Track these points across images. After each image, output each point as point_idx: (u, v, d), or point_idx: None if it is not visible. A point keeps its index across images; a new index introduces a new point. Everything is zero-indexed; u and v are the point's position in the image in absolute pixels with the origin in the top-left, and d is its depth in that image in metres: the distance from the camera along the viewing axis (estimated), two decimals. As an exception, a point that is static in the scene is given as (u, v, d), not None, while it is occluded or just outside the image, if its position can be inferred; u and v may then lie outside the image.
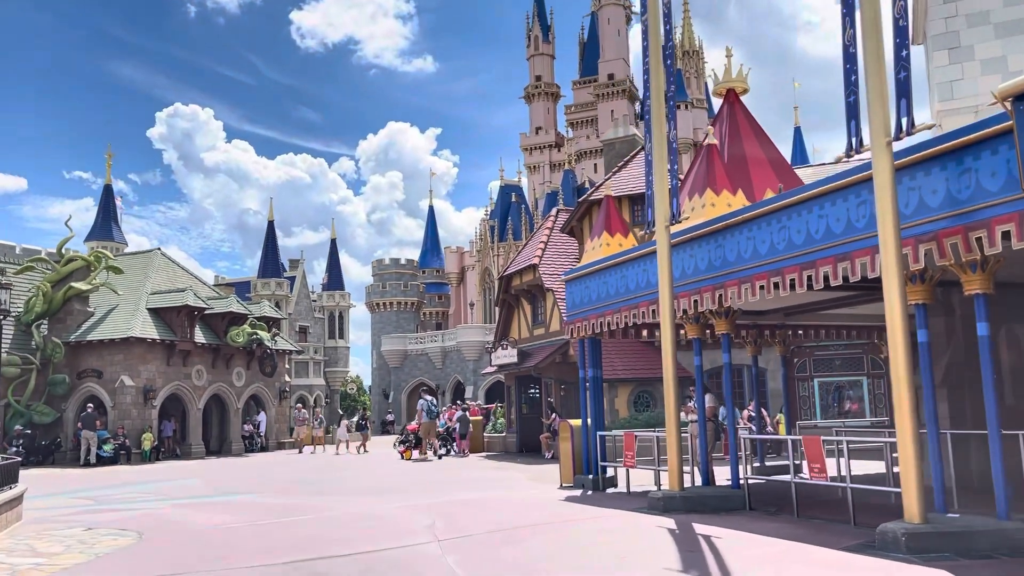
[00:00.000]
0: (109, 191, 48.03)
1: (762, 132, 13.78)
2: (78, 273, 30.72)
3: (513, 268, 26.63)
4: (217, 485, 18.52)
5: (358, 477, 19.55)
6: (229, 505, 14.33)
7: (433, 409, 25.61)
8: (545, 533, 9.34)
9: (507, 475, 18.46)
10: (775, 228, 9.83)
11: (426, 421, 25.35)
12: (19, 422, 28.14)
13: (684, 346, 24.30)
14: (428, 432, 25.40)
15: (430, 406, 25.38)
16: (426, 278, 71.16)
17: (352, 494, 15.29)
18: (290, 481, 19.02)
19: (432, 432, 25.50)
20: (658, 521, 9.78)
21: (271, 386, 35.02)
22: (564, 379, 24.14)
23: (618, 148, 25.36)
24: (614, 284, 13.14)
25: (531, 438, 25.91)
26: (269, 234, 48.82)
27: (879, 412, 21.64)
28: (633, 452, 12.77)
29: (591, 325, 13.89)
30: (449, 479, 18.07)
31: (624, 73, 77.41)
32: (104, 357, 29.58)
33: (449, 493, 14.65)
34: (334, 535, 9.91)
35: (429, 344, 62.58)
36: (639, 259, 12.44)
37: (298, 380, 47.44)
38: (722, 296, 10.64)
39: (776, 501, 11.01)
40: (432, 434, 25.46)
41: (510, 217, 63.21)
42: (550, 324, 25.09)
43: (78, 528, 11.33)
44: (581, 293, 14.23)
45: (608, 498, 12.66)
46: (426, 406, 25.26)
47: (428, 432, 25.40)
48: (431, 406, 25.42)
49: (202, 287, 35.26)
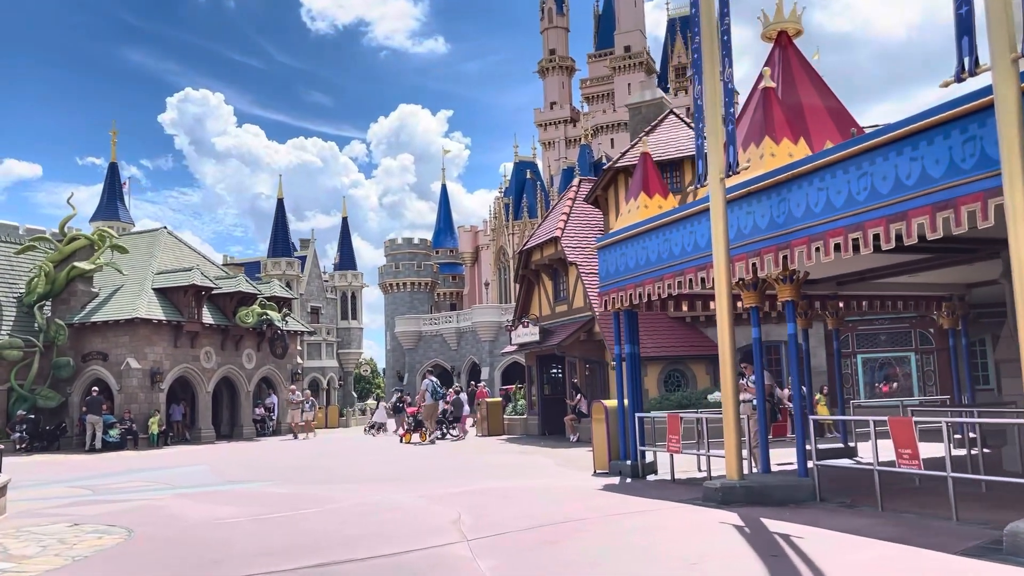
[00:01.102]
0: (114, 170, 46.82)
1: (819, 79, 12.31)
2: (82, 253, 29.62)
3: (533, 242, 25.28)
4: (223, 472, 17.40)
5: (372, 462, 18.37)
6: (233, 495, 13.16)
7: (439, 390, 24.35)
8: (591, 530, 8.06)
9: (532, 460, 17.22)
10: (854, 175, 8.43)
11: (429, 403, 24.07)
12: (23, 407, 27.18)
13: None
14: (431, 415, 24.14)
15: (435, 387, 24.17)
16: (440, 258, 69.84)
17: (366, 481, 14.09)
18: (299, 467, 17.86)
19: (434, 415, 24.22)
20: (719, 516, 8.48)
21: (282, 368, 33.92)
22: (589, 358, 22.84)
23: (644, 113, 23.87)
24: (655, 249, 11.77)
25: (554, 420, 24.67)
26: (279, 212, 47.52)
27: (928, 390, 20.23)
28: (678, 436, 11.47)
29: (627, 296, 12.55)
30: (470, 465, 16.85)
31: (641, 45, 75.32)
32: (109, 339, 28.53)
33: (472, 481, 13.42)
34: (347, 533, 8.68)
35: (444, 325, 61.39)
36: (685, 220, 11.06)
37: (311, 362, 46.40)
38: (787, 257, 9.26)
39: (846, 491, 9.69)
40: (434, 417, 24.26)
41: (525, 194, 61.64)
42: (573, 300, 23.77)
43: (63, 523, 10.16)
44: (616, 261, 12.87)
45: (651, 487, 11.37)
46: (431, 387, 24.04)
47: (431, 415, 24.14)
48: (436, 387, 24.21)
49: (210, 267, 34.13)
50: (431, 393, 23.94)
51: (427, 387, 24.13)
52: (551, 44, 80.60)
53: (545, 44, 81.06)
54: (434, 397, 24.01)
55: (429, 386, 24.07)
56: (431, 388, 23.97)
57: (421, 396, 24.59)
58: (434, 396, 24.01)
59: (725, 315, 9.83)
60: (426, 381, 24.50)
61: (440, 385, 25.06)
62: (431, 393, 23.94)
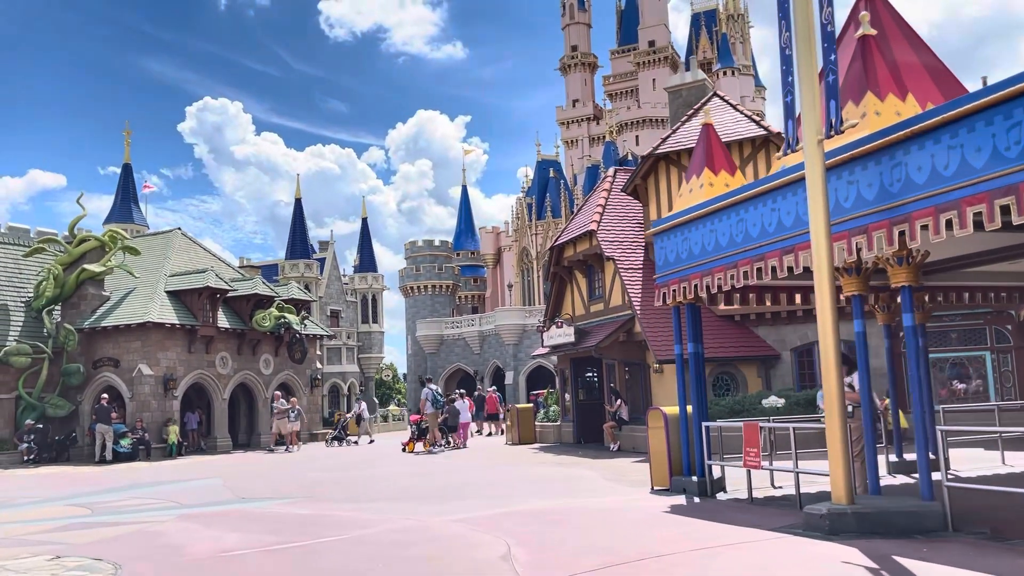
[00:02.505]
0: (128, 171, 45.56)
1: (913, 33, 10.60)
2: (92, 255, 28.37)
3: (565, 237, 23.66)
4: (237, 487, 15.94)
5: (397, 475, 16.83)
6: (245, 517, 11.67)
7: (439, 399, 23.54)
8: (684, 571, 6.44)
9: (575, 473, 15.60)
10: (1001, 126, 6.77)
11: (431, 411, 23.38)
12: (31, 416, 25.94)
13: (771, 320, 21.30)
14: (434, 423, 23.40)
15: (435, 395, 23.40)
16: (461, 260, 68.36)
17: (394, 499, 12.55)
18: (318, 481, 16.36)
19: (436, 424, 23.44)
20: (837, 552, 6.83)
21: (301, 373, 32.51)
22: (629, 360, 21.18)
23: (685, 96, 22.20)
24: (727, 231, 10.13)
25: (590, 428, 23.02)
26: (297, 213, 46.08)
27: (1006, 392, 18.37)
28: (758, 448, 9.81)
29: (691, 287, 10.91)
30: (506, 478, 15.26)
31: (665, 39, 73.40)
32: (120, 344, 27.24)
33: (512, 498, 11.83)
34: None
35: (466, 328, 59.90)
36: (766, 195, 9.41)
37: (330, 367, 44.98)
38: (905, 233, 7.60)
39: (975, 515, 7.98)
40: (435, 425, 23.44)
41: (548, 193, 59.96)
42: (610, 298, 22.12)
43: (45, 555, 8.71)
44: (677, 247, 11.24)
45: (728, 509, 9.72)
46: (430, 395, 23.28)
47: (434, 423, 23.40)
48: (436, 395, 23.44)
49: (226, 269, 32.83)
50: (431, 402, 23.27)
51: (427, 396, 23.43)
52: (573, 40, 78.87)
53: (567, 41, 79.35)
54: (435, 406, 23.35)
55: (429, 395, 23.37)
56: (431, 397, 23.28)
57: (422, 405, 23.93)
58: (435, 405, 23.35)
59: (827, 303, 8.17)
60: (426, 390, 23.71)
61: (440, 393, 24.40)
62: (431, 402, 23.27)
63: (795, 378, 20.07)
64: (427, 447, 23.11)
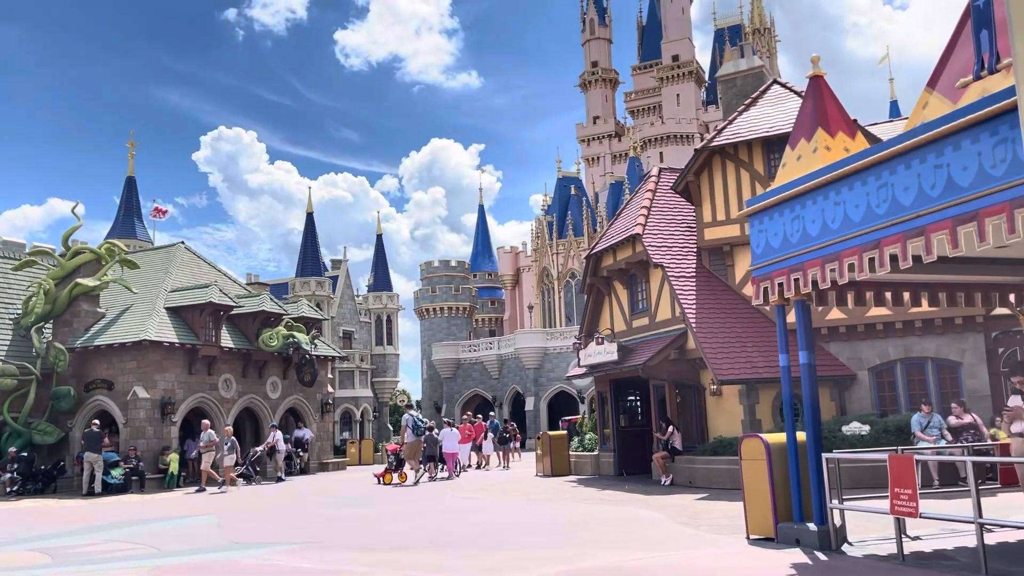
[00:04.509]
0: (132, 184, 43.46)
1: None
2: (87, 268, 26.21)
3: (604, 244, 21.27)
4: (233, 526, 13.52)
5: (419, 512, 14.34)
6: (235, 572, 9.23)
7: (420, 426, 22.22)
8: None
9: (632, 513, 13.06)
10: None
11: (412, 440, 21.95)
12: (15, 443, 23.64)
13: (846, 334, 18.77)
14: (414, 453, 22.01)
15: (416, 422, 22.16)
16: (478, 282, 66.03)
17: (419, 549, 10.08)
18: (324, 521, 13.90)
19: (417, 453, 22.05)
20: None
21: (311, 397, 30.10)
22: (681, 381, 18.66)
23: (740, 85, 19.94)
24: (862, 202, 7.71)
25: (634, 458, 20.45)
26: (308, 228, 43.80)
27: None
28: (914, 488, 7.29)
29: (806, 277, 8.48)
30: (552, 519, 12.74)
31: (690, 53, 71.38)
32: (115, 365, 24.96)
33: (566, 546, 9.36)
34: None
35: (484, 352, 57.35)
36: (927, 147, 7.00)
37: (342, 391, 42.51)
38: None
39: None
40: (417, 455, 22.02)
41: (569, 211, 57.64)
42: (657, 311, 19.66)
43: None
44: (784, 228, 8.83)
45: (874, 572, 7.19)
46: (411, 422, 22.06)
47: (414, 453, 22.01)
48: (417, 422, 22.22)
49: (231, 285, 30.61)
50: (412, 428, 21.98)
51: (407, 422, 22.14)
52: (593, 56, 76.96)
53: (587, 57, 77.45)
54: (416, 433, 22.04)
55: (410, 421, 22.11)
56: (412, 423, 22.03)
57: (403, 432, 22.44)
58: (416, 432, 22.03)
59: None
60: (407, 415, 22.50)
61: (422, 419, 23.26)
62: (412, 428, 21.98)
63: (874, 401, 17.49)
64: (403, 478, 21.55)
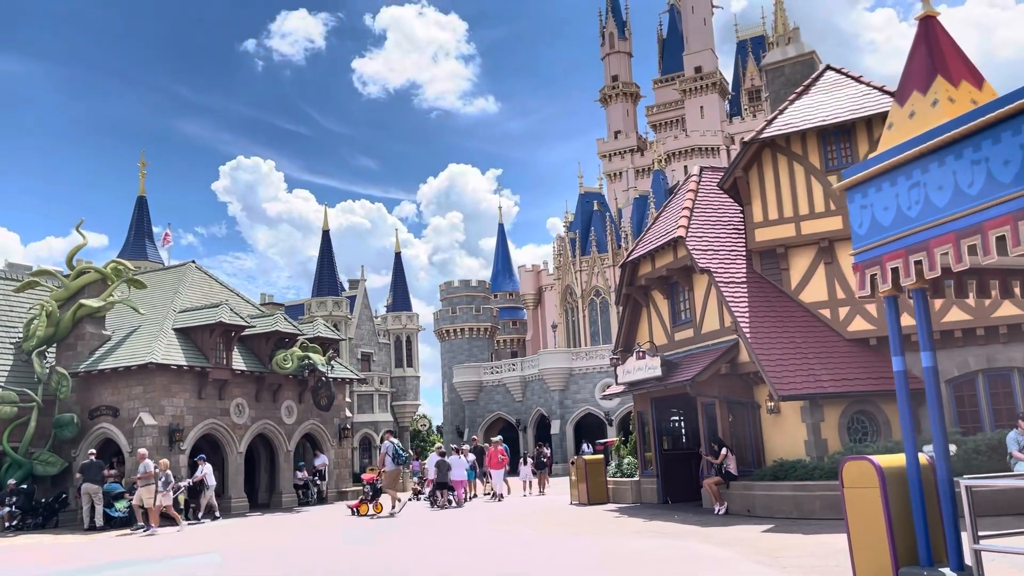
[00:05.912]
0: (143, 204, 42.42)
1: None
2: (92, 289, 24.91)
3: (641, 250, 19.61)
4: (236, 572, 11.87)
5: (451, 548, 12.62)
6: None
7: (400, 454, 21.77)
8: None
9: (693, 549, 11.28)
10: None
11: (391, 468, 21.48)
12: (16, 475, 22.20)
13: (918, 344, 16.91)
14: (393, 482, 21.62)
15: (396, 450, 21.64)
16: (499, 302, 64.42)
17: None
18: (345, 567, 12.21)
19: (396, 482, 21.80)
20: None
21: (329, 422, 28.51)
22: (733, 398, 16.87)
23: (788, 74, 18.33)
24: (1016, 156, 6.01)
25: (679, 484, 18.65)
26: (324, 247, 42.47)
27: None
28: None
29: (932, 258, 6.76)
30: (602, 558, 10.98)
31: (713, 65, 69.86)
32: (120, 390, 23.54)
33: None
34: None
35: (507, 374, 55.56)
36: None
37: (361, 416, 40.86)
38: None
39: None
40: (396, 485, 21.27)
41: (592, 227, 56.05)
42: (703, 323, 17.93)
43: None
44: (897, 199, 7.11)
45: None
46: (391, 449, 21.55)
47: (393, 482, 21.62)
48: (398, 450, 21.69)
49: (244, 304, 29.22)
50: (392, 457, 21.50)
51: (387, 450, 21.66)
52: (613, 70, 75.63)
53: (607, 71, 76.12)
54: (396, 461, 21.62)
55: (390, 448, 21.61)
56: (392, 451, 21.55)
57: (381, 460, 21.99)
58: (396, 460, 21.60)
59: None
60: (386, 443, 21.94)
61: (402, 448, 23.08)
62: (392, 457, 21.50)
63: (953, 418, 15.60)
64: (378, 509, 20.68)
